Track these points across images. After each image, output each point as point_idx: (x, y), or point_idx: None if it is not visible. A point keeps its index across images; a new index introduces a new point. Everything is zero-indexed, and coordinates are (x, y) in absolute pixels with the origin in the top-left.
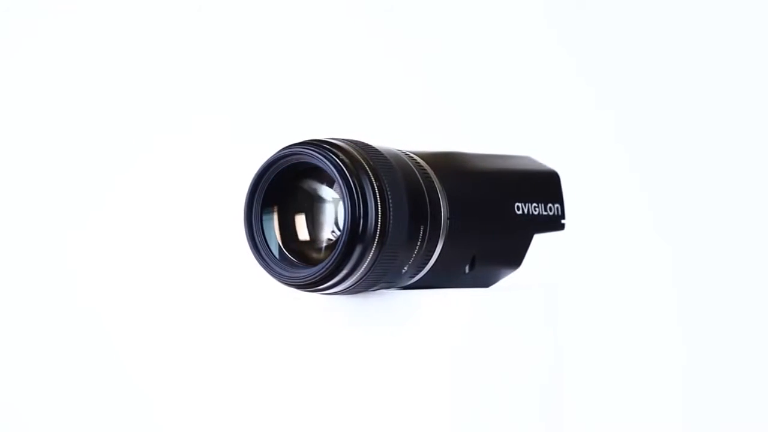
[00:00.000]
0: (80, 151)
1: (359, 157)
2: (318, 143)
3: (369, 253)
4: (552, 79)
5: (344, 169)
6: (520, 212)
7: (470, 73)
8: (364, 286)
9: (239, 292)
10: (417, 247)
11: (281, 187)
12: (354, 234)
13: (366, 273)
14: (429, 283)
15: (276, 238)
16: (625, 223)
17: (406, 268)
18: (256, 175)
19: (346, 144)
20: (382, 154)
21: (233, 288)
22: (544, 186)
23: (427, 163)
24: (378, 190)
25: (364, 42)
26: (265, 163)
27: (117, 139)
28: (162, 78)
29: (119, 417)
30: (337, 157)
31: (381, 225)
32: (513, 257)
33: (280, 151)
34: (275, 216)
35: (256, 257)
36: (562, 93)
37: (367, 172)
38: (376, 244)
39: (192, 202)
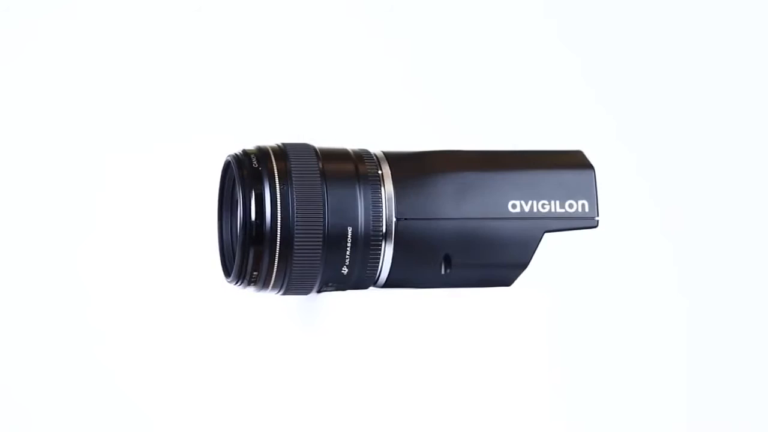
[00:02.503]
0: (70, 147)
1: (274, 161)
2: (251, 149)
3: (274, 255)
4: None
5: (244, 174)
6: (517, 210)
7: (491, 72)
8: (303, 287)
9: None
10: (348, 249)
11: (235, 191)
12: (249, 237)
13: (286, 273)
14: (402, 283)
15: (230, 240)
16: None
17: (345, 269)
18: (220, 180)
19: (274, 148)
20: (311, 157)
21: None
22: (568, 184)
23: (393, 164)
24: (279, 195)
25: (377, 41)
26: (222, 169)
27: (113, 137)
28: (155, 78)
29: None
30: (244, 162)
31: (282, 228)
32: (513, 256)
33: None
34: (232, 219)
35: (220, 258)
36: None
37: (274, 176)
38: (279, 245)
39: (181, 203)
